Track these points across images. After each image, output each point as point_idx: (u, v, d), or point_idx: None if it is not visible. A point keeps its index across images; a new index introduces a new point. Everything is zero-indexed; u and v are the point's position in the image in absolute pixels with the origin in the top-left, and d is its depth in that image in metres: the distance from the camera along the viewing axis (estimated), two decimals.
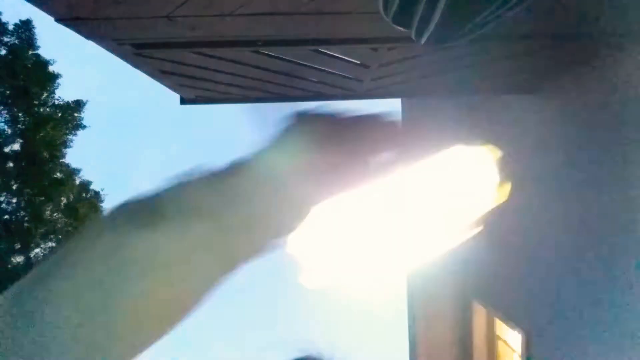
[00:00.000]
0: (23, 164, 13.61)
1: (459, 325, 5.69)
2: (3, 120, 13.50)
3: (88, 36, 2.19)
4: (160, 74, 3.03)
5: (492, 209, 0.67)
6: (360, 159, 0.55)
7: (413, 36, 1.21)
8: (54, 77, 13.98)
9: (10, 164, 13.65)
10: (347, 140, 0.53)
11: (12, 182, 13.69)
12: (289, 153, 0.50)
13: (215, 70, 2.97)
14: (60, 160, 14.45)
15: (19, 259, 13.64)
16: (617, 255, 2.86)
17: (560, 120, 3.64)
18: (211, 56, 2.67)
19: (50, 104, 14.20)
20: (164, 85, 3.34)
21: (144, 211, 0.45)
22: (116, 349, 0.39)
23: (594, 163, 3.16)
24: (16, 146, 13.80)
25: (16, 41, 13.42)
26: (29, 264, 13.47)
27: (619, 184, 2.87)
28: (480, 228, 0.68)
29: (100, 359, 0.38)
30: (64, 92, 22.05)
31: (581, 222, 3.29)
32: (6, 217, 13.50)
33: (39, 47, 13.71)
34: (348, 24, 2.20)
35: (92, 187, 15.37)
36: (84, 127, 14.94)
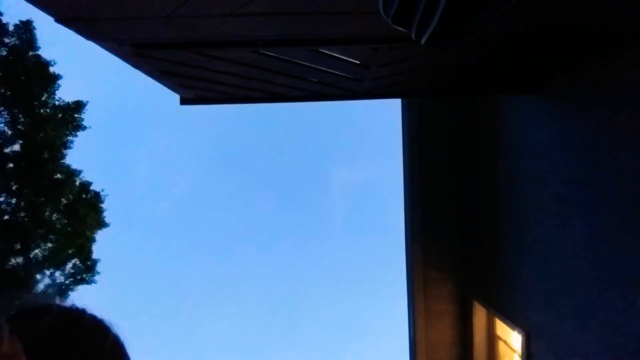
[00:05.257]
0: (23, 165, 13.59)
1: (459, 325, 5.69)
2: (3, 121, 13.49)
3: (88, 36, 2.19)
4: (160, 74, 3.02)
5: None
6: None
7: (413, 36, 1.21)
8: (55, 78, 13.96)
9: (11, 165, 13.63)
10: None
11: (12, 183, 13.67)
12: None
13: (216, 71, 2.97)
14: (61, 161, 14.43)
15: (19, 259, 13.62)
16: (617, 254, 2.86)
17: (560, 119, 3.64)
18: (211, 56, 2.67)
19: (50, 104, 14.17)
20: (164, 85, 3.34)
21: None
22: None
23: (593, 161, 3.16)
24: (16, 147, 13.79)
25: (17, 42, 13.40)
26: (28, 265, 13.46)
27: (617, 182, 2.87)
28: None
29: None
30: (65, 93, 22.05)
31: (581, 219, 3.29)
32: (6, 217, 13.48)
33: (39, 47, 13.70)
34: (348, 24, 2.19)
35: (92, 187, 15.34)
36: (85, 127, 14.91)
